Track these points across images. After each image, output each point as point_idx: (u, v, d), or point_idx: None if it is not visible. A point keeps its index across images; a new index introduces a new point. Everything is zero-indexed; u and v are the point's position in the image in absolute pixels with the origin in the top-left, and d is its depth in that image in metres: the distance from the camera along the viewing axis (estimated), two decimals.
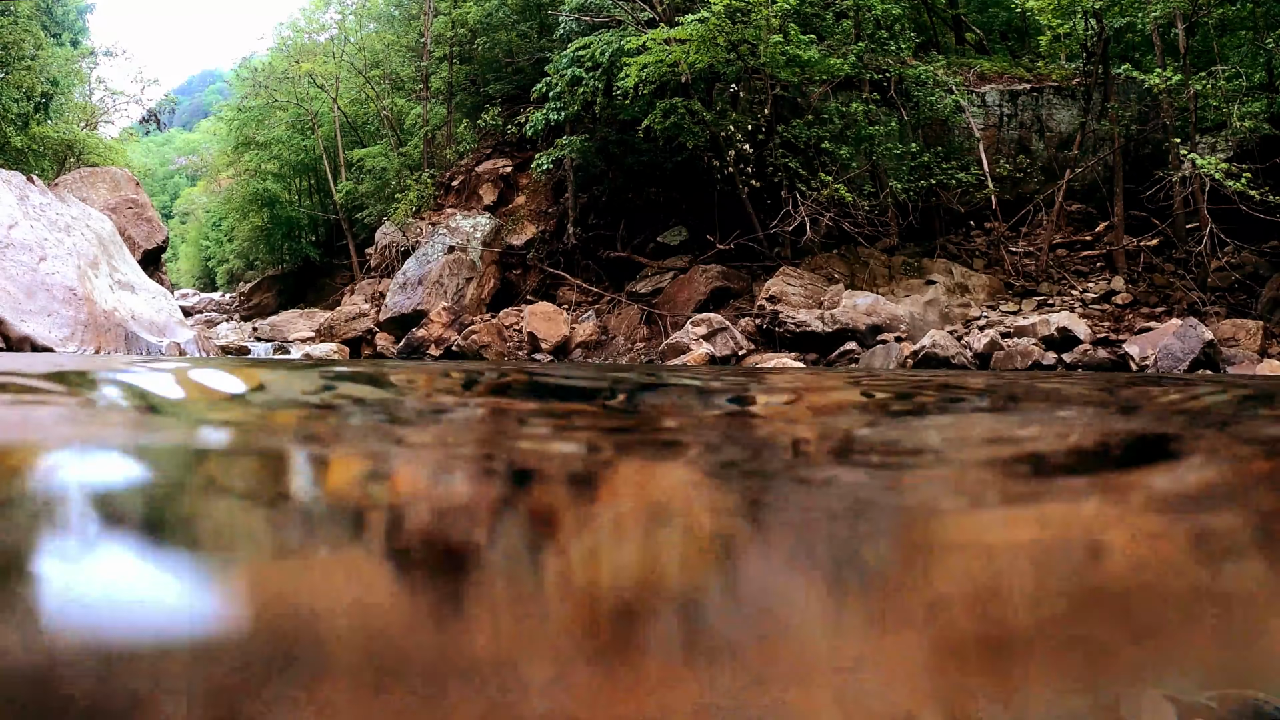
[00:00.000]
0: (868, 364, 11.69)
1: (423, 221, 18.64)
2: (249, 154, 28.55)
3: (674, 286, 15.46)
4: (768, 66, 13.59)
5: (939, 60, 15.22)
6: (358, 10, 27.04)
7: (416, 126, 22.11)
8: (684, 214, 16.93)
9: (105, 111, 27.75)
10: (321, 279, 27.73)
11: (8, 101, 20.73)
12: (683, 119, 14.21)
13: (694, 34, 13.18)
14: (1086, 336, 11.26)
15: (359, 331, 17.02)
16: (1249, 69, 12.44)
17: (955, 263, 14.10)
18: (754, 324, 13.28)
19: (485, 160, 19.89)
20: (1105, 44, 13.90)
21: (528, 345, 14.43)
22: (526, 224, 18.28)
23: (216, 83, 68.68)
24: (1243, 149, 12.91)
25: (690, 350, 12.31)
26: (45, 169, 21.49)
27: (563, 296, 16.95)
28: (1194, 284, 12.59)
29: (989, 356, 11.27)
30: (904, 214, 14.42)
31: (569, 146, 15.73)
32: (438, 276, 17.02)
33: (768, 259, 14.89)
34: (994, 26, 18.92)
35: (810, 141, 13.95)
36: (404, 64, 23.44)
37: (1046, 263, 13.80)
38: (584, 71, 15.04)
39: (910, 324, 12.35)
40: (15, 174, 12.46)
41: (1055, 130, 15.49)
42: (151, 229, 18.75)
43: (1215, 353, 10.17)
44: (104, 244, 12.60)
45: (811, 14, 14.47)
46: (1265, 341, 10.87)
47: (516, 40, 20.08)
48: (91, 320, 10.66)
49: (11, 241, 10.71)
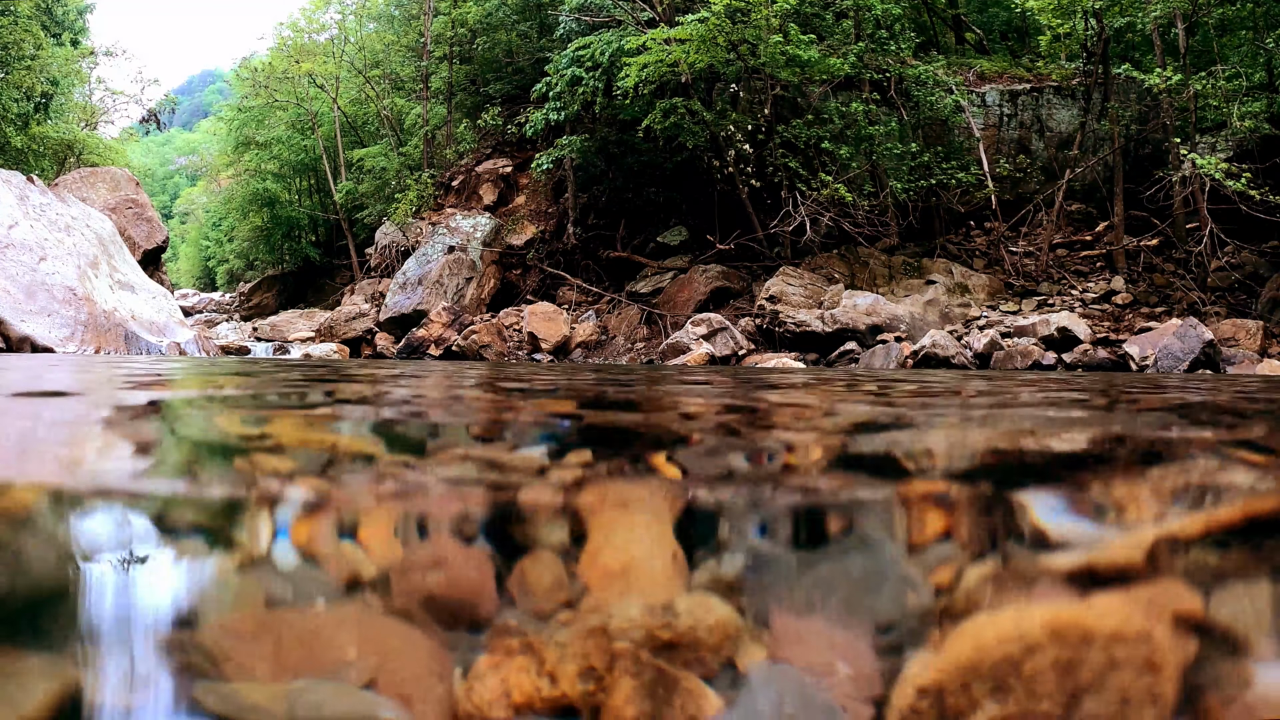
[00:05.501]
0: (868, 364, 11.69)
1: (423, 221, 18.65)
2: (249, 154, 28.57)
3: (674, 286, 15.47)
4: (768, 66, 13.60)
5: (939, 60, 15.22)
6: (358, 10, 27.06)
7: (416, 126, 22.12)
8: (684, 214, 16.94)
9: (105, 111, 27.79)
10: (321, 279, 27.74)
11: (8, 101, 20.74)
12: (683, 119, 14.21)
13: (694, 34, 13.18)
14: (1086, 336, 11.26)
15: (359, 331, 17.03)
16: (1249, 69, 12.44)
17: (955, 263, 14.10)
18: (754, 324, 13.28)
19: (485, 160, 19.90)
20: (1105, 44, 13.90)
21: (528, 345, 14.44)
22: (526, 224, 18.28)
23: (216, 83, 68.71)
24: (1243, 149, 12.92)
25: (690, 350, 12.30)
26: (45, 169, 21.50)
27: (563, 296, 16.96)
28: (1194, 284, 12.60)
29: (989, 356, 11.27)
30: (904, 214, 14.42)
31: (569, 146, 15.74)
32: (438, 276, 17.03)
33: (768, 259, 14.89)
34: (994, 26, 18.93)
35: (810, 141, 13.95)
36: (404, 64, 23.46)
37: (1046, 263, 13.80)
38: (584, 71, 15.05)
39: (910, 324, 12.35)
40: (15, 174, 12.46)
41: (1055, 130, 15.49)
42: (151, 229, 18.75)
43: (1215, 353, 10.17)
44: (104, 244, 12.61)
45: (811, 14, 14.47)
46: (1265, 341, 10.87)
47: (516, 40, 20.09)
48: (91, 320, 10.66)
49: (11, 241, 10.72)
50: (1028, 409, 3.14)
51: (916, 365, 11.23)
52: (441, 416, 2.66)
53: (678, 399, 3.41)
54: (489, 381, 4.74)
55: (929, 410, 2.99)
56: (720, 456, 2.00)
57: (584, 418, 2.69)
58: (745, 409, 3.01)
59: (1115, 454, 2.04)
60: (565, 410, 2.90)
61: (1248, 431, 2.47)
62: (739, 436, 2.22)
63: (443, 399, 3.35)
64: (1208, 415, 2.97)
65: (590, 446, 2.05)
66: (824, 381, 5.09)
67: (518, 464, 1.64)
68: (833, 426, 2.50)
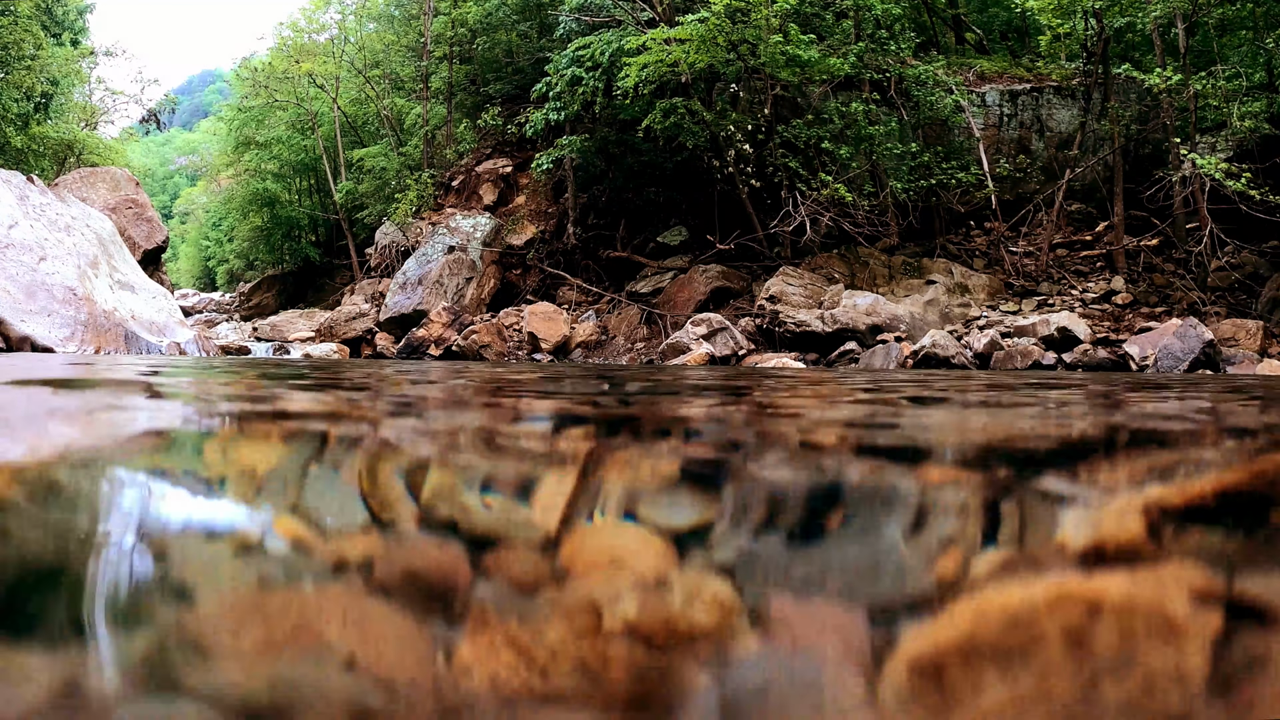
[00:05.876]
0: (867, 364, 11.69)
1: (423, 221, 18.65)
2: (249, 154, 28.58)
3: (674, 286, 15.46)
4: (768, 66, 13.60)
5: (939, 60, 15.22)
6: (358, 10, 27.06)
7: (416, 126, 22.13)
8: (684, 214, 16.94)
9: (105, 111, 27.77)
10: (321, 279, 27.75)
11: (8, 101, 20.74)
12: (683, 119, 14.21)
13: (694, 34, 13.18)
14: (1086, 336, 11.26)
15: (359, 331, 17.03)
16: (1249, 69, 12.44)
17: (955, 263, 14.10)
18: (754, 324, 13.28)
19: (485, 160, 19.90)
20: (1105, 44, 13.90)
21: (528, 345, 14.44)
22: (526, 224, 18.28)
23: (216, 83, 68.73)
24: (1243, 149, 12.92)
25: (690, 350, 12.30)
26: (45, 169, 21.50)
27: (563, 296, 16.96)
28: (1194, 284, 12.59)
29: (989, 356, 11.27)
30: (904, 214, 14.42)
31: (569, 146, 15.74)
32: (438, 276, 17.03)
33: (768, 259, 14.89)
34: (994, 26, 18.93)
35: (810, 141, 13.95)
36: (404, 64, 23.46)
37: (1046, 263, 13.80)
38: (584, 71, 15.05)
39: (910, 324, 12.35)
40: (15, 174, 12.46)
41: (1055, 130, 15.49)
42: (151, 229, 18.75)
43: (1215, 353, 10.17)
44: (104, 244, 12.61)
45: (811, 14, 14.48)
46: (1265, 341, 10.87)
47: (516, 40, 20.10)
48: (91, 320, 10.66)
49: (11, 241, 10.72)
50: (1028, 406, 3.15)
51: (916, 365, 11.23)
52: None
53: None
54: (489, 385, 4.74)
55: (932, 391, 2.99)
56: (723, 435, 2.01)
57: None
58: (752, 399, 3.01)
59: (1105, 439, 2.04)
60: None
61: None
62: (743, 421, 2.22)
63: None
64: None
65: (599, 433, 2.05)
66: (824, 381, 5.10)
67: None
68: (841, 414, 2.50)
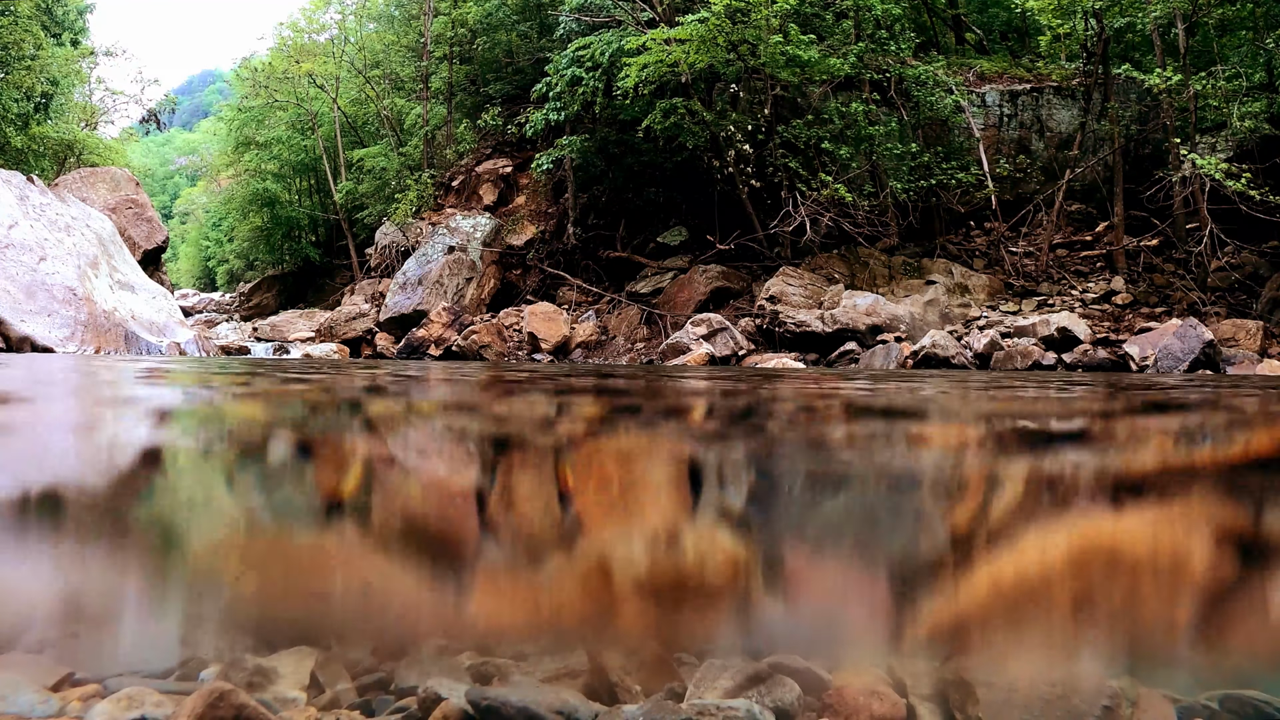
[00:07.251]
0: (867, 364, 11.69)
1: (423, 221, 18.64)
2: (249, 154, 28.56)
3: (674, 287, 15.46)
4: (768, 66, 13.59)
5: (939, 60, 15.22)
6: (358, 10, 27.05)
7: (416, 126, 22.11)
8: (684, 214, 16.93)
9: (105, 111, 27.75)
10: (321, 279, 27.73)
11: (8, 101, 20.72)
12: (683, 119, 14.21)
13: (694, 34, 13.18)
14: (1086, 336, 11.26)
15: (359, 331, 17.03)
16: (1249, 69, 12.44)
17: (955, 263, 14.10)
18: (754, 324, 13.28)
19: (485, 160, 19.89)
20: (1105, 44, 13.90)
21: (528, 345, 14.43)
22: (526, 224, 18.27)
23: (216, 83, 68.71)
24: (1243, 149, 12.91)
25: (690, 350, 12.30)
26: (45, 169, 21.49)
27: (563, 296, 16.95)
28: (1194, 284, 12.59)
29: (989, 356, 11.27)
30: (904, 214, 14.42)
31: (569, 146, 15.73)
32: (438, 276, 17.02)
33: (768, 259, 14.89)
34: (994, 26, 18.92)
35: (810, 141, 13.95)
36: (404, 64, 23.45)
37: (1046, 263, 13.80)
38: (584, 71, 15.04)
39: (910, 324, 12.35)
40: (15, 174, 12.46)
41: (1055, 130, 15.49)
42: (151, 229, 18.75)
43: (1215, 353, 10.16)
44: (104, 244, 12.61)
45: (811, 14, 14.47)
46: (1265, 341, 10.87)
47: (516, 40, 20.08)
48: (91, 320, 10.66)
49: (11, 241, 10.72)
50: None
51: (916, 365, 11.24)
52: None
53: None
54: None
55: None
56: (733, 409, 2.01)
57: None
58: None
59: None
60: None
61: None
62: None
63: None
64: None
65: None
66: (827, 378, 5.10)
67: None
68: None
